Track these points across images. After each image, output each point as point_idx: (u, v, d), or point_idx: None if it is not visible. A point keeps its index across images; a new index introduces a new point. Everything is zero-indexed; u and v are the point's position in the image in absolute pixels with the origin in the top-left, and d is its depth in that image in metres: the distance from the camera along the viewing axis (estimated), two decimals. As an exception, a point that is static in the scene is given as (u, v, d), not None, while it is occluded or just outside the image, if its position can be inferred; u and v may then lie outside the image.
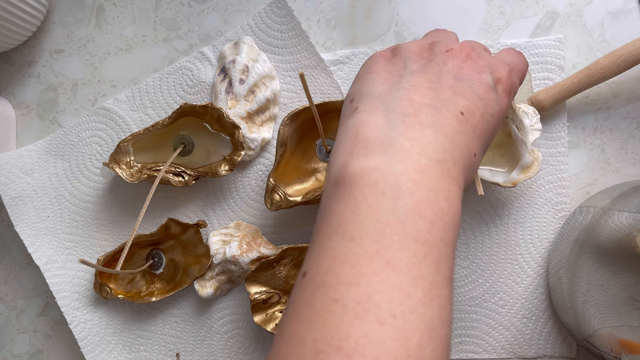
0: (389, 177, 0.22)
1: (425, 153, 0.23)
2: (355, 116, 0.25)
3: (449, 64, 0.27)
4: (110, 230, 0.44)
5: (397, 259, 0.21)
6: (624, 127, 0.40)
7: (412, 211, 0.22)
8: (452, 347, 0.41)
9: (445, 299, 0.21)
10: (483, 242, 0.41)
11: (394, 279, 0.20)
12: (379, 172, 0.22)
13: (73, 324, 0.43)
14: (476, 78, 0.26)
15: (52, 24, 0.46)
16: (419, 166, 0.23)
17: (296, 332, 0.21)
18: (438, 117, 0.24)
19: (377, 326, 0.19)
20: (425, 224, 0.22)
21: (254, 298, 0.39)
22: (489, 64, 0.27)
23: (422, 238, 0.21)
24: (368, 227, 0.21)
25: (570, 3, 0.41)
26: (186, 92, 0.44)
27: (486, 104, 0.26)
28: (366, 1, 0.43)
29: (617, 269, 0.32)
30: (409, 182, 0.22)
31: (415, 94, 0.25)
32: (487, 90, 0.26)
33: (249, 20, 0.43)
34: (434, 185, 0.22)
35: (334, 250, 0.21)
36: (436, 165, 0.23)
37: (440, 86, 0.26)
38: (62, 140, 0.45)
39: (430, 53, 0.28)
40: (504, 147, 0.39)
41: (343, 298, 0.20)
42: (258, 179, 0.43)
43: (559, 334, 0.40)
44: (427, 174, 0.22)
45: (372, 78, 0.27)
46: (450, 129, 0.24)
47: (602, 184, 0.40)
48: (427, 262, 0.21)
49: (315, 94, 0.42)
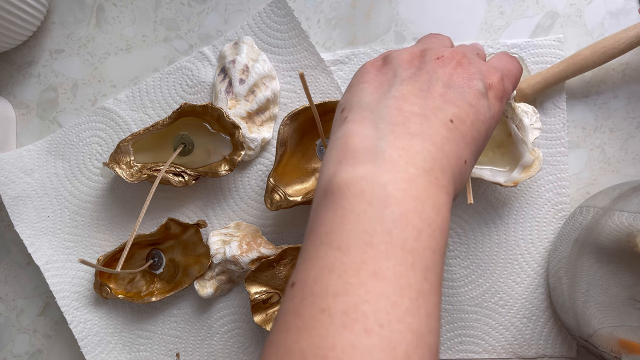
0: (376, 186, 0.22)
1: (413, 162, 0.23)
2: (344, 126, 0.26)
3: (439, 71, 0.27)
4: (110, 230, 0.44)
5: (383, 268, 0.21)
6: (624, 127, 0.40)
7: (399, 220, 0.22)
8: (452, 347, 0.41)
9: (432, 307, 0.22)
10: (483, 242, 0.41)
11: (381, 289, 0.20)
12: (366, 182, 0.23)
13: (73, 324, 0.43)
14: (467, 85, 0.26)
15: (52, 24, 0.46)
16: (406, 175, 0.23)
17: (284, 341, 0.21)
18: (427, 126, 0.24)
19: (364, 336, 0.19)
20: (412, 232, 0.22)
21: (254, 298, 0.39)
22: (480, 70, 0.27)
23: (409, 246, 0.21)
24: (355, 237, 0.21)
25: (570, 3, 0.41)
26: (186, 92, 0.44)
27: (477, 110, 0.26)
28: (366, 1, 0.43)
29: (617, 269, 0.32)
30: (396, 191, 0.22)
31: (405, 103, 0.25)
32: (478, 96, 0.26)
33: (249, 20, 0.43)
34: (421, 193, 0.23)
35: (322, 260, 0.22)
36: (424, 174, 0.23)
37: (430, 94, 0.26)
38: (62, 140, 0.45)
39: (420, 61, 0.28)
40: (505, 146, 0.39)
41: (330, 308, 0.20)
42: (258, 179, 0.43)
43: (559, 334, 0.40)
44: (415, 183, 0.23)
45: (363, 88, 0.27)
46: (439, 137, 0.24)
47: (602, 184, 0.40)
48: (414, 270, 0.21)
49: (315, 94, 0.42)
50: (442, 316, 0.41)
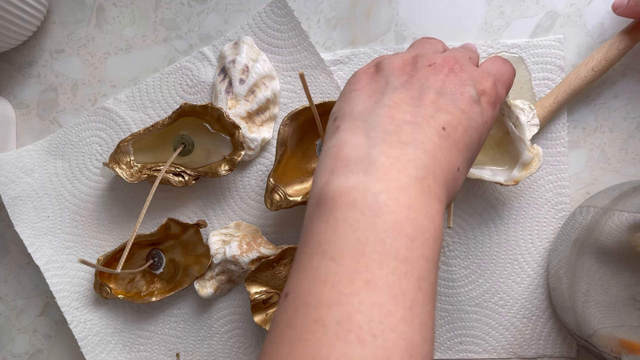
0: (368, 196, 0.22)
1: (405, 171, 0.23)
2: (337, 135, 0.26)
3: (431, 79, 0.27)
4: (110, 230, 0.44)
5: (376, 278, 0.21)
6: (624, 127, 0.40)
7: (392, 229, 0.22)
8: (452, 347, 0.41)
9: (426, 316, 0.21)
10: (483, 242, 0.41)
11: (374, 298, 0.20)
12: (358, 191, 0.22)
13: (73, 324, 0.43)
14: (459, 92, 0.26)
15: (52, 24, 0.46)
16: (398, 184, 0.23)
17: (277, 353, 0.21)
18: (419, 134, 0.24)
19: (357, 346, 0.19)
20: (405, 241, 0.22)
21: (254, 298, 0.39)
22: (472, 76, 0.27)
23: (402, 255, 0.21)
24: (348, 247, 0.21)
25: (570, 3, 0.41)
26: (186, 92, 0.44)
27: (469, 117, 0.26)
28: (366, 1, 0.43)
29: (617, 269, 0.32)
30: (388, 200, 0.22)
31: (397, 111, 0.25)
32: (470, 103, 0.26)
33: (249, 20, 0.43)
34: (414, 202, 0.22)
35: (315, 270, 0.22)
36: (416, 183, 0.23)
37: (422, 102, 0.26)
38: (62, 140, 0.45)
39: (412, 68, 0.28)
40: (503, 145, 0.39)
41: (324, 318, 0.20)
42: (258, 179, 0.43)
43: (559, 334, 0.40)
44: (407, 192, 0.23)
45: (355, 96, 0.27)
46: (431, 145, 0.24)
47: (602, 184, 0.40)
48: (407, 279, 0.21)
49: (315, 94, 0.42)
50: (442, 316, 0.41)
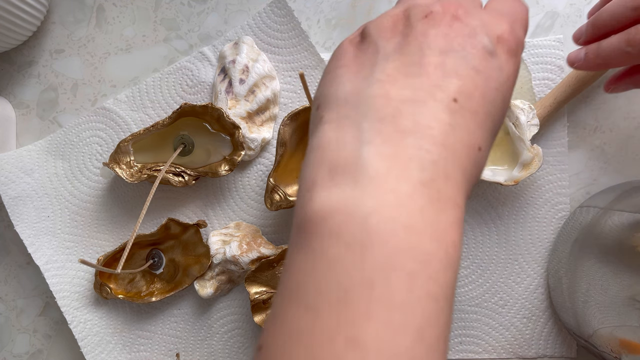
0: (355, 220, 0.17)
1: (406, 175, 0.18)
2: (320, 130, 0.20)
3: (431, 34, 0.21)
4: (110, 230, 0.44)
5: (362, 334, 0.16)
6: (624, 127, 0.40)
7: (384, 267, 0.17)
8: (452, 347, 0.41)
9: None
10: (483, 242, 0.41)
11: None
12: (342, 214, 0.18)
13: (73, 324, 0.43)
14: (469, 45, 0.20)
15: (52, 24, 0.46)
16: (395, 198, 0.18)
17: None
18: (423, 115, 0.19)
19: None
20: (402, 280, 0.17)
21: (254, 298, 0.39)
22: (483, 21, 0.21)
23: (398, 300, 0.16)
24: (328, 292, 0.17)
25: (570, 3, 0.41)
26: (186, 92, 0.44)
27: (487, 76, 0.20)
28: (366, 1, 0.43)
29: (617, 269, 0.32)
30: (381, 224, 0.17)
31: (392, 87, 0.20)
32: (485, 57, 0.20)
33: (249, 20, 0.43)
34: (416, 221, 0.17)
35: (289, 322, 0.17)
36: (420, 191, 0.18)
37: (424, 68, 0.20)
38: (62, 140, 0.45)
39: (405, 25, 0.22)
40: (503, 145, 0.39)
41: None
42: (258, 179, 0.43)
43: (559, 334, 0.40)
44: (408, 207, 0.17)
45: (340, 74, 0.22)
46: (441, 127, 0.19)
47: (602, 184, 0.40)
48: (404, 332, 0.16)
49: (315, 94, 0.42)
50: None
